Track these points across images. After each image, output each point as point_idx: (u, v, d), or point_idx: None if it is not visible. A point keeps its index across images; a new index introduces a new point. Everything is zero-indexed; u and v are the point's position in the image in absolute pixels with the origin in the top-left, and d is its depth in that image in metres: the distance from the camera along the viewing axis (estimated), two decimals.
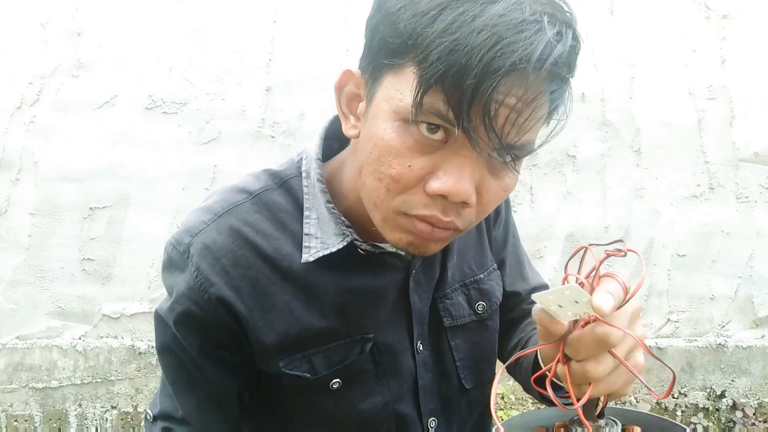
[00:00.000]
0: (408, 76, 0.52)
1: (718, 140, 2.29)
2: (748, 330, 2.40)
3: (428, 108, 0.51)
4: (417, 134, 0.53)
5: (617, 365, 0.49)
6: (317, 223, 0.67)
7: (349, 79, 0.61)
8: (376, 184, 0.56)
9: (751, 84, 2.27)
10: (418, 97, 0.51)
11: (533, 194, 2.30)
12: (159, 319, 0.69)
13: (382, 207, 0.57)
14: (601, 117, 2.27)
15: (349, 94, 0.62)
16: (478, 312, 0.78)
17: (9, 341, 2.22)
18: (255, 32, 2.18)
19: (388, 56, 0.54)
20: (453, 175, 0.53)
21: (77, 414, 2.24)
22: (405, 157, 0.54)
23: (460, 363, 0.77)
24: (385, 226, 0.59)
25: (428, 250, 0.60)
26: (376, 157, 0.55)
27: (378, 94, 0.56)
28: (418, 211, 0.55)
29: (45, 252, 2.19)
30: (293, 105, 2.20)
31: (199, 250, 0.65)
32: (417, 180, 0.54)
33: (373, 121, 0.56)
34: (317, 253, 0.66)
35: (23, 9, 2.12)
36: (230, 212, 0.67)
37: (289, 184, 0.69)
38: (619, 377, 0.50)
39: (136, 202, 2.19)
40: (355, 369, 0.70)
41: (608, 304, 0.44)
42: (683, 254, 2.34)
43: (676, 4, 2.26)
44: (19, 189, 2.16)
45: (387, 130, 0.54)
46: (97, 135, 2.16)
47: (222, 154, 2.20)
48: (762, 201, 2.32)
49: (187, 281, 0.65)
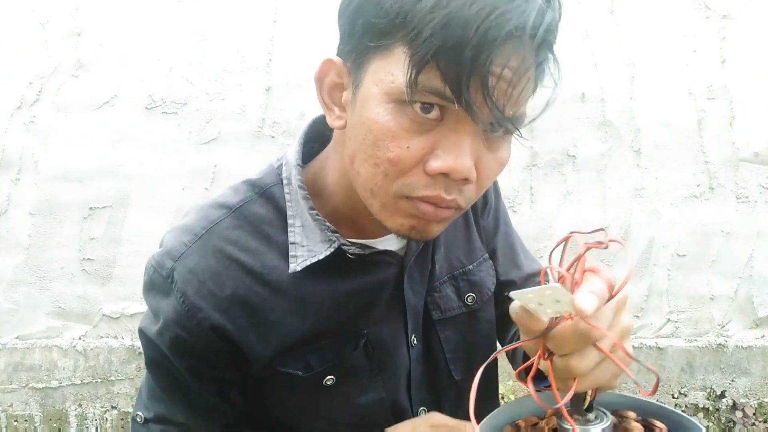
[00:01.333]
0: (398, 56, 0.51)
1: (718, 140, 2.29)
2: (748, 330, 2.40)
3: (423, 87, 0.50)
4: (412, 114, 0.52)
5: (603, 359, 0.46)
6: (302, 230, 0.65)
7: (330, 69, 0.59)
8: (373, 171, 0.55)
9: (751, 84, 2.27)
10: (412, 77, 0.49)
11: (533, 194, 2.30)
12: (146, 338, 0.67)
13: (380, 193, 0.56)
14: (601, 117, 2.27)
15: (331, 84, 0.60)
16: (467, 303, 0.77)
17: (9, 341, 2.22)
18: (255, 32, 2.18)
19: (375, 38, 0.52)
20: (453, 152, 0.52)
21: (77, 414, 2.24)
22: (402, 138, 0.52)
23: (450, 355, 0.76)
24: (384, 213, 0.57)
25: (430, 233, 0.59)
26: (371, 143, 0.54)
27: (366, 79, 0.54)
28: (420, 193, 0.54)
29: (45, 252, 2.19)
30: (293, 105, 2.19)
31: (183, 275, 0.63)
32: (416, 161, 0.53)
33: (364, 106, 0.54)
34: (304, 262, 0.64)
35: (23, 9, 2.12)
36: (211, 231, 0.65)
37: (270, 192, 0.67)
38: (605, 371, 0.47)
39: (136, 202, 2.19)
40: (348, 365, 0.69)
41: (591, 305, 0.41)
42: (683, 254, 2.34)
43: (676, 4, 2.26)
44: (19, 189, 2.16)
45: (381, 114, 0.53)
46: (97, 135, 2.16)
47: (222, 154, 2.20)
48: (762, 201, 2.32)
49: (174, 307, 0.63)
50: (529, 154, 2.27)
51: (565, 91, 2.23)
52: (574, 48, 2.23)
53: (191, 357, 0.65)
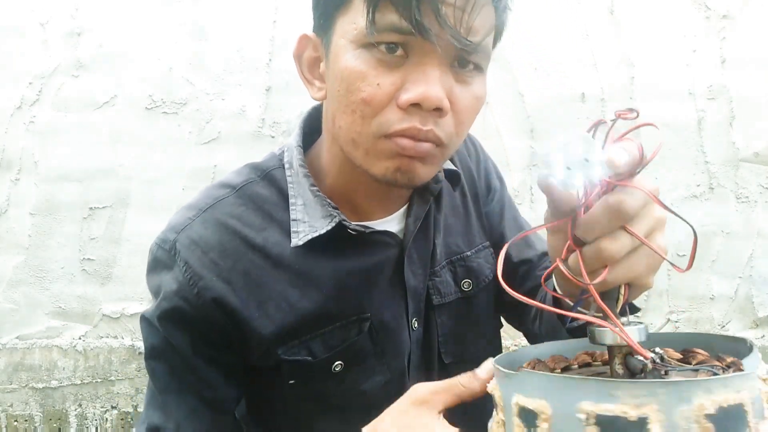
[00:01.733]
0: (356, 6, 0.55)
1: (717, 140, 2.29)
2: (748, 330, 2.40)
3: (382, 26, 0.54)
4: (379, 54, 0.55)
5: (636, 247, 0.43)
6: (304, 208, 0.66)
7: (307, 44, 0.64)
8: (351, 118, 0.57)
9: (751, 84, 2.27)
10: (370, 15, 0.53)
11: (533, 194, 2.30)
12: (146, 322, 0.67)
13: (361, 139, 0.58)
14: (600, 117, 2.27)
15: (309, 60, 0.64)
16: (464, 289, 0.78)
17: (9, 341, 2.22)
18: (255, 32, 2.18)
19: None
20: (421, 82, 0.55)
21: (77, 414, 2.24)
22: (372, 77, 0.55)
23: (442, 338, 0.77)
24: (368, 159, 0.59)
25: (416, 174, 0.59)
26: (345, 90, 0.57)
27: (334, 38, 0.59)
28: (395, 127, 0.56)
29: (45, 252, 2.19)
30: (293, 105, 2.20)
31: (186, 245, 0.64)
32: (388, 98, 0.56)
33: (335, 61, 0.58)
34: (306, 237, 0.65)
35: (23, 9, 2.12)
36: (214, 207, 0.67)
37: (272, 175, 0.69)
38: (639, 260, 0.44)
39: (136, 202, 2.19)
40: (355, 349, 0.69)
41: (622, 158, 0.39)
42: (683, 254, 2.34)
43: (676, 4, 2.26)
44: (19, 189, 2.16)
45: (349, 59, 0.56)
46: (97, 135, 2.16)
47: (222, 154, 2.20)
48: (762, 201, 2.32)
49: (176, 277, 0.63)
50: (529, 154, 2.27)
51: (565, 91, 2.23)
52: (574, 48, 2.23)
53: (190, 332, 0.64)
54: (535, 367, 0.48)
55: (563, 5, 2.24)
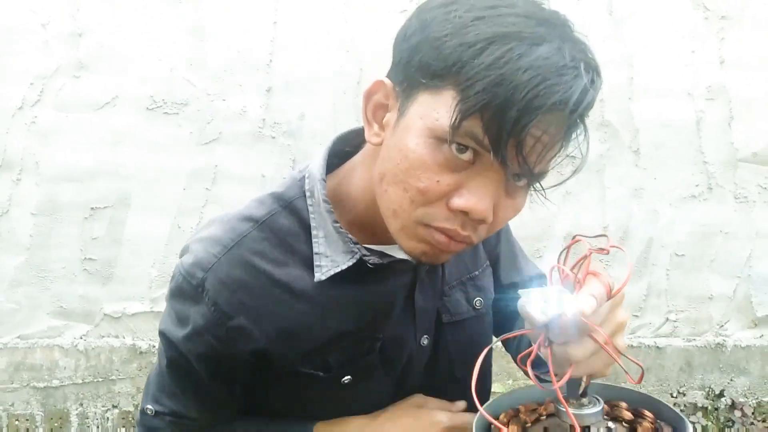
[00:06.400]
0: (446, 99, 0.55)
1: (716, 140, 2.30)
2: (746, 329, 2.41)
3: (465, 131, 0.54)
4: (448, 153, 0.56)
5: (597, 349, 0.52)
6: (325, 241, 0.69)
7: (380, 89, 0.63)
8: (401, 194, 0.59)
9: (751, 84, 2.28)
10: (456, 121, 0.53)
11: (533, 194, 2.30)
12: (168, 341, 0.71)
13: (402, 216, 0.60)
14: (600, 117, 2.28)
15: (377, 103, 0.64)
16: (476, 307, 0.82)
17: (10, 341, 2.23)
18: (255, 33, 2.18)
19: (428, 77, 0.56)
20: (477, 194, 0.57)
21: (78, 413, 2.25)
22: (434, 172, 0.57)
23: (456, 356, 0.81)
24: (402, 234, 0.61)
25: (439, 260, 0.64)
26: (404, 169, 0.58)
27: (411, 109, 0.58)
28: (439, 223, 0.59)
29: (46, 252, 2.20)
30: (294, 105, 2.20)
31: (214, 285, 0.67)
32: (442, 195, 0.57)
33: (405, 133, 0.58)
34: (329, 272, 0.68)
35: (24, 10, 2.13)
36: (240, 244, 0.69)
37: (294, 205, 0.71)
38: (599, 359, 0.53)
39: (137, 203, 2.20)
40: (366, 365, 0.73)
41: (590, 306, 0.50)
42: (682, 254, 2.35)
43: (675, 5, 2.26)
44: (20, 189, 2.17)
45: (420, 145, 0.57)
46: (99, 135, 2.16)
47: (223, 155, 2.21)
48: (760, 201, 2.33)
49: (203, 314, 0.67)
50: None
51: None
52: None
53: (217, 363, 0.69)
54: (510, 420, 0.61)
55: (562, 5, 2.24)
